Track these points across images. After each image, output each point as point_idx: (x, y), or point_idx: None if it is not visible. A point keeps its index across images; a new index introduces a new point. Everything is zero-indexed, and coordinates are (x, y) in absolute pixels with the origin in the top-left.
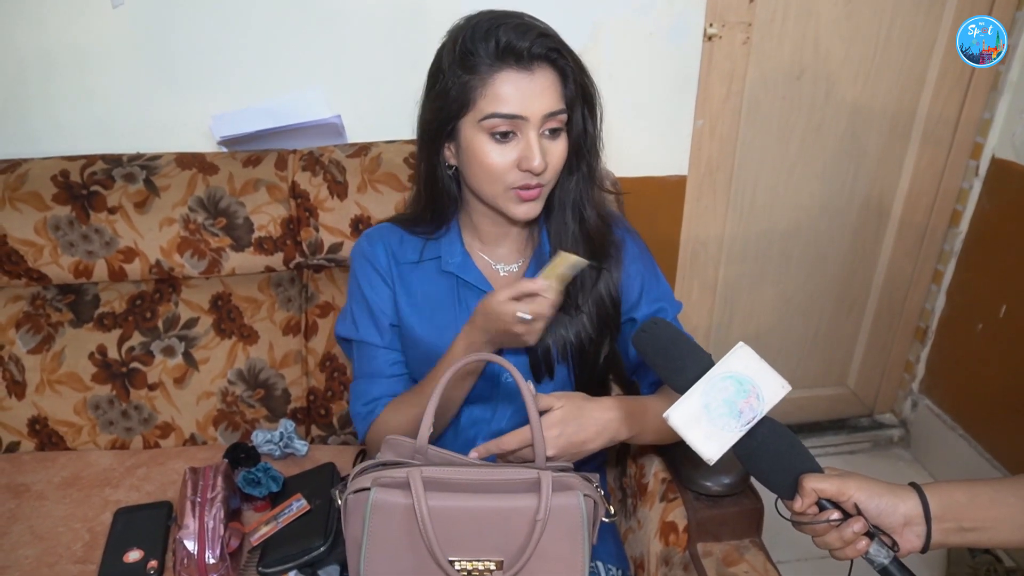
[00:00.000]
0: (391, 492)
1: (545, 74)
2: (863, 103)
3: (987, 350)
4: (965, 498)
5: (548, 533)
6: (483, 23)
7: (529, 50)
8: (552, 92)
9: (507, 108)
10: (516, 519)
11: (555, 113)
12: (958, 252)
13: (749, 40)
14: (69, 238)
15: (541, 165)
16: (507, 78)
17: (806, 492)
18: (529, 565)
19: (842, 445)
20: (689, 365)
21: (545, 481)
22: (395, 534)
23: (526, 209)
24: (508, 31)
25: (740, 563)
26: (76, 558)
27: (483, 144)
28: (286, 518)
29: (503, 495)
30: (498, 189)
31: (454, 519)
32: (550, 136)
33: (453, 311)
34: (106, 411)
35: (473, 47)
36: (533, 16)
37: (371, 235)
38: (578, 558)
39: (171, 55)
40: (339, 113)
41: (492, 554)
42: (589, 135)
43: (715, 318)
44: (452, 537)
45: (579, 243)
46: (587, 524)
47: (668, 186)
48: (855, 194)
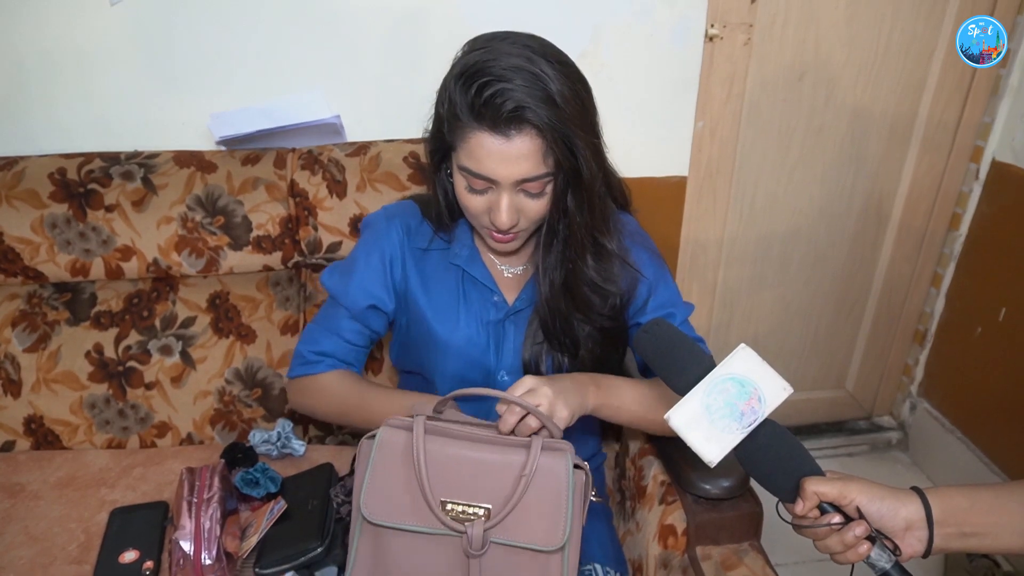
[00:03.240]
0: (397, 432)
1: (524, 140)
2: (864, 106)
3: (986, 354)
4: (967, 503)
5: (534, 489)
6: (469, 67)
7: (506, 115)
8: (531, 159)
9: (478, 168)
10: (506, 472)
11: (532, 179)
12: (957, 255)
13: (750, 42)
14: (66, 236)
15: (507, 224)
16: (481, 141)
17: (807, 495)
18: (513, 516)
19: (840, 448)
20: (690, 366)
21: (536, 442)
22: (395, 470)
23: (502, 247)
24: (489, 87)
25: (739, 567)
26: (71, 559)
27: (460, 186)
28: (269, 522)
29: (498, 448)
30: (478, 224)
31: (450, 464)
32: (528, 195)
33: (456, 303)
34: (102, 410)
35: (456, 96)
36: (535, 53)
37: (391, 211)
38: (560, 519)
39: (170, 54)
40: (338, 113)
41: (483, 500)
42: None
43: (714, 320)
44: (447, 480)
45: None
46: (573, 488)
47: (668, 188)
48: (855, 197)
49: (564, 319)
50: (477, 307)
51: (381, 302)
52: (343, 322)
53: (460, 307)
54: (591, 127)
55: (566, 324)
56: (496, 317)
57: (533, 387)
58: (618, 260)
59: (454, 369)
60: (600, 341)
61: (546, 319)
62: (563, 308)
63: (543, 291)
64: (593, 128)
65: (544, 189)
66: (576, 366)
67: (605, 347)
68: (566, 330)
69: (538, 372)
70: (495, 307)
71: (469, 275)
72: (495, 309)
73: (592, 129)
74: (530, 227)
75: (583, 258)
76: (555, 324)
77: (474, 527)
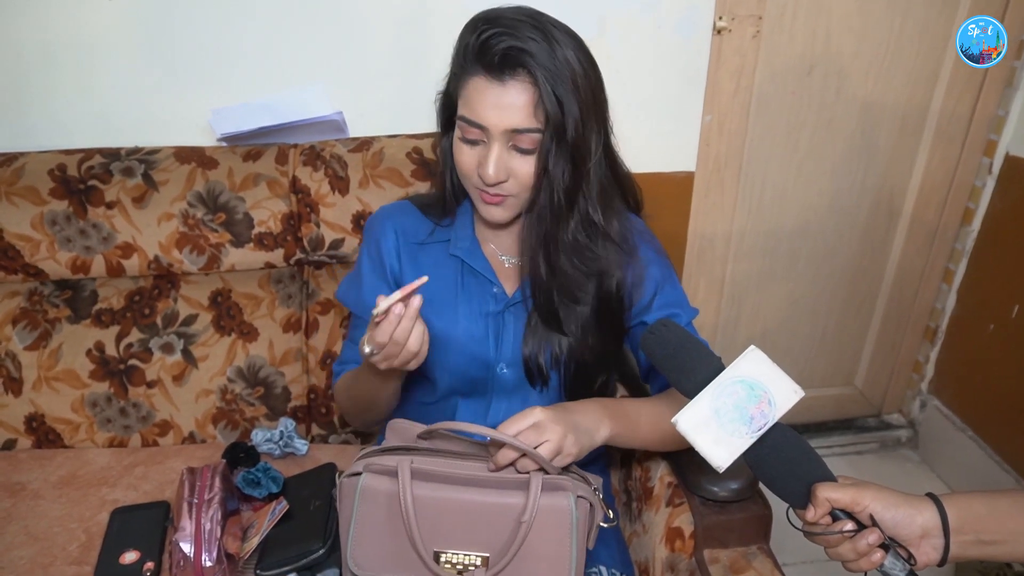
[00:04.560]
0: (380, 479)
1: (519, 88)
2: (874, 99)
3: (998, 351)
4: (984, 509)
5: (536, 533)
6: (483, 14)
7: (501, 57)
8: (523, 109)
9: (471, 114)
10: (503, 517)
11: (522, 131)
12: (970, 251)
13: (759, 34)
14: (66, 233)
15: (492, 177)
16: (476, 84)
17: (819, 502)
18: (514, 564)
19: (848, 446)
20: (698, 368)
21: (535, 482)
22: (381, 521)
23: (491, 212)
24: (492, 28)
25: (748, 570)
26: (72, 559)
27: (457, 140)
28: (270, 523)
29: (493, 490)
30: (469, 186)
31: (441, 510)
32: (519, 151)
33: (455, 295)
34: (104, 408)
35: (463, 40)
36: (545, 17)
37: (387, 211)
38: (564, 560)
39: (171, 50)
40: (340, 110)
41: (479, 549)
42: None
43: (722, 316)
44: (439, 528)
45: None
46: (576, 527)
47: (675, 182)
48: (865, 191)
49: (543, 285)
50: (476, 299)
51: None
52: (360, 331)
53: (459, 299)
54: (593, 102)
55: (546, 295)
56: (495, 309)
57: (540, 422)
58: (606, 237)
59: (453, 362)
60: (594, 328)
61: (534, 293)
62: (541, 273)
63: (524, 262)
64: (597, 107)
65: (534, 147)
66: (574, 354)
67: (604, 338)
68: (547, 301)
69: (537, 364)
70: (494, 298)
71: (469, 267)
72: (494, 301)
73: (596, 108)
74: (520, 193)
75: (565, 223)
76: (537, 289)
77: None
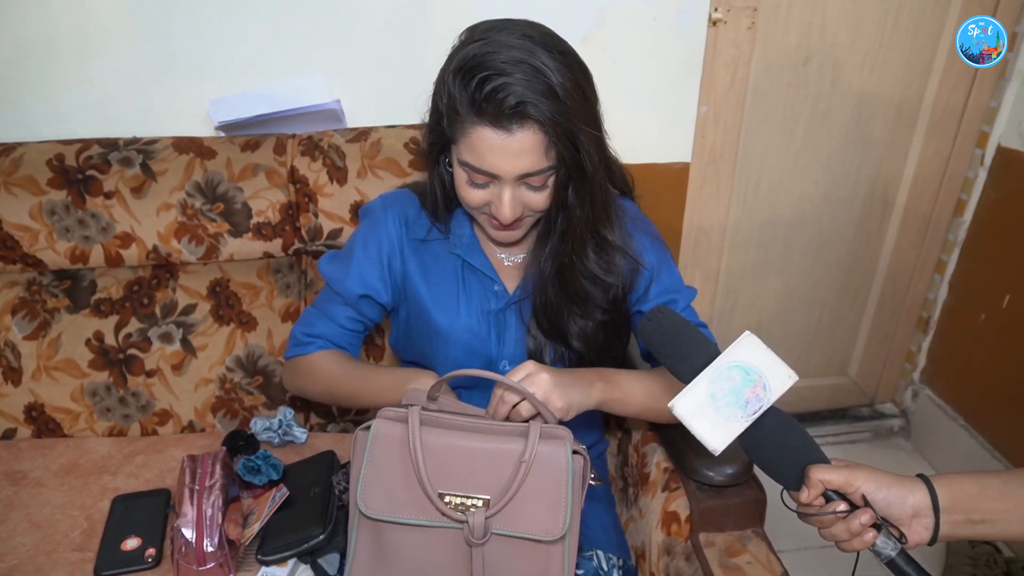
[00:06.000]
0: (392, 425)
1: (526, 134)
2: (869, 90)
3: (989, 340)
4: (974, 490)
5: (533, 477)
6: (468, 60)
7: (508, 111)
8: (533, 153)
9: (479, 163)
10: (504, 461)
11: (534, 173)
12: (962, 242)
13: (755, 26)
14: (65, 223)
15: (510, 219)
16: (482, 135)
17: (813, 483)
18: (512, 505)
19: (842, 435)
20: (694, 354)
21: (534, 428)
22: (391, 463)
23: (504, 236)
24: (489, 82)
25: (743, 554)
26: (74, 546)
27: (461, 179)
28: (271, 509)
29: (495, 437)
30: (477, 213)
31: (446, 455)
32: (530, 188)
33: (456, 292)
34: (103, 398)
35: (455, 90)
36: (536, 50)
37: (388, 200)
38: (560, 505)
39: (169, 39)
40: (339, 98)
41: (480, 491)
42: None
43: (717, 307)
44: (444, 472)
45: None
46: (572, 473)
47: (671, 173)
48: (860, 182)
49: (554, 311)
50: (478, 296)
51: (376, 293)
52: (337, 308)
53: (460, 296)
54: (593, 118)
55: (555, 315)
56: (497, 306)
57: (532, 372)
58: (620, 251)
59: (455, 359)
60: (600, 332)
61: (537, 309)
62: (552, 299)
63: (534, 281)
64: (595, 119)
65: (546, 182)
66: (577, 355)
67: (608, 337)
68: (553, 321)
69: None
70: (496, 296)
71: (469, 264)
72: (496, 298)
73: (594, 120)
74: (535, 214)
75: (583, 251)
76: (545, 314)
77: (475, 516)
